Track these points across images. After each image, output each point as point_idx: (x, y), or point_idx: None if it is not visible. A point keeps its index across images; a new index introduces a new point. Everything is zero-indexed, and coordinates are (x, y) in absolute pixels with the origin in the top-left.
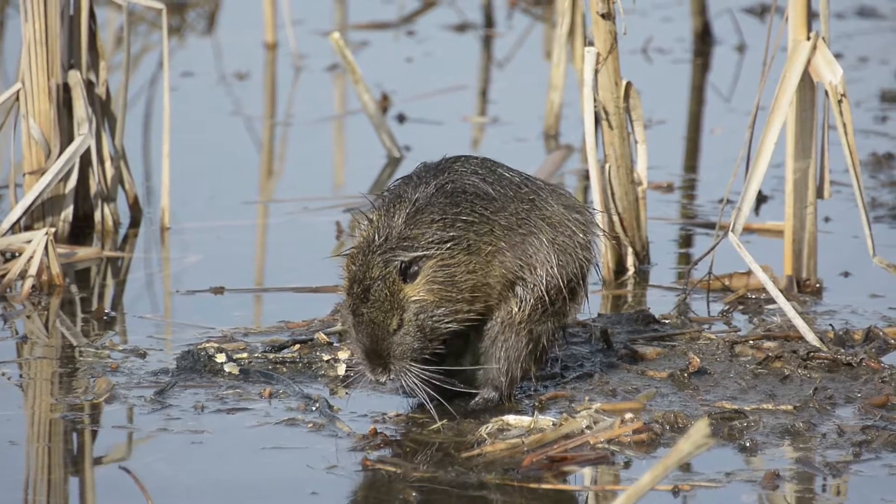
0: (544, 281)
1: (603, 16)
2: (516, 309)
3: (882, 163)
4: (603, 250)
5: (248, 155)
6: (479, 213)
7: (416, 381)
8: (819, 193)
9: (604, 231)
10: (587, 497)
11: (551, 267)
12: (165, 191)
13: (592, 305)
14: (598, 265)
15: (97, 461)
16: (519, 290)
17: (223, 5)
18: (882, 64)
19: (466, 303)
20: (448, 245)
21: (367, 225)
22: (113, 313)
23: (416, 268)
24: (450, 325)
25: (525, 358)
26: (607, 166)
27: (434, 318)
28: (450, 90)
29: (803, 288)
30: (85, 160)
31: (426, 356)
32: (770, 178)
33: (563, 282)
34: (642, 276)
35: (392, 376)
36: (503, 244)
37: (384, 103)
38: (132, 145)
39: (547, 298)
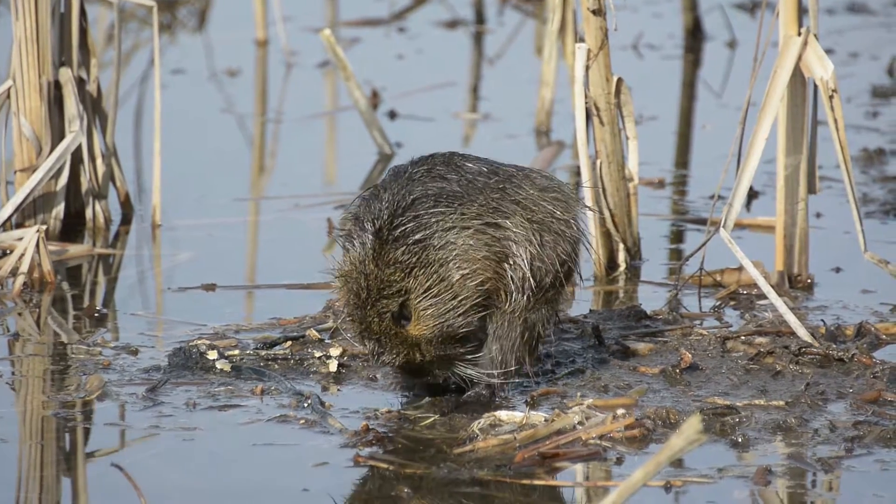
0: (527, 263)
1: (594, 12)
2: (507, 297)
3: (873, 158)
4: (594, 243)
5: (240, 152)
6: (442, 213)
7: (463, 371)
8: (810, 189)
9: (588, 206)
10: (579, 493)
11: (534, 246)
12: (157, 188)
13: (584, 301)
14: (587, 241)
15: (89, 458)
16: (509, 273)
17: (214, 2)
18: (873, 59)
19: (469, 298)
20: (422, 271)
21: (347, 266)
22: (104, 310)
23: (406, 310)
24: (462, 326)
25: (519, 347)
26: (598, 162)
27: (447, 330)
28: (438, 86)
29: (795, 283)
30: (76, 157)
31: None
32: (761, 173)
33: (549, 261)
34: (634, 272)
35: (442, 380)
36: (477, 230)
37: (374, 100)
38: (123, 142)
39: (533, 282)
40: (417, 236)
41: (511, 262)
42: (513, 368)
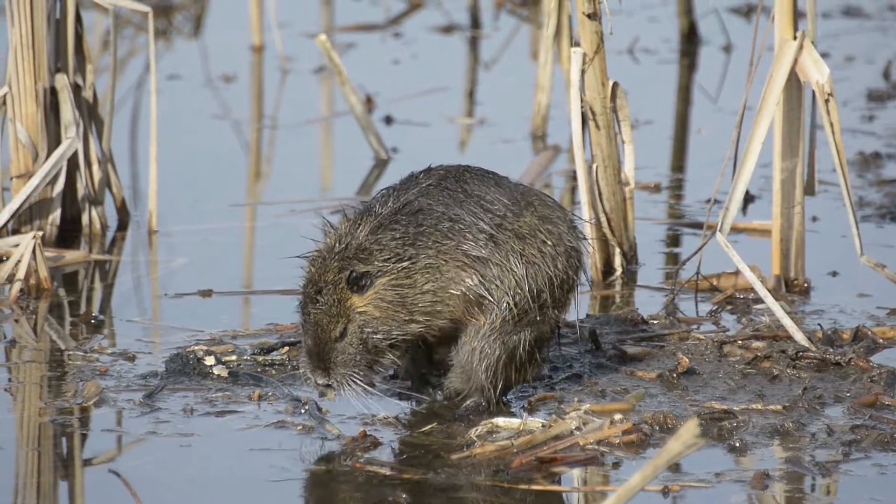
0: (511, 291)
1: (589, 16)
2: (483, 319)
3: (869, 162)
4: (590, 252)
5: (236, 157)
6: (443, 232)
7: (357, 392)
8: (807, 190)
9: (583, 236)
10: (577, 498)
11: (519, 278)
12: (153, 194)
13: (580, 306)
14: (576, 275)
15: (87, 465)
16: (486, 302)
17: (209, 8)
18: (868, 63)
19: (417, 324)
20: (404, 265)
21: (332, 232)
22: (101, 317)
23: (367, 281)
24: (396, 343)
25: (502, 368)
26: (595, 167)
27: (378, 335)
28: (434, 91)
29: (791, 287)
30: (72, 163)
31: (380, 368)
32: (757, 177)
33: (531, 293)
34: (630, 277)
35: (331, 382)
36: (466, 263)
37: (368, 105)
38: (119, 148)
39: (515, 310)
40: (420, 240)
41: (493, 295)
42: (498, 389)
